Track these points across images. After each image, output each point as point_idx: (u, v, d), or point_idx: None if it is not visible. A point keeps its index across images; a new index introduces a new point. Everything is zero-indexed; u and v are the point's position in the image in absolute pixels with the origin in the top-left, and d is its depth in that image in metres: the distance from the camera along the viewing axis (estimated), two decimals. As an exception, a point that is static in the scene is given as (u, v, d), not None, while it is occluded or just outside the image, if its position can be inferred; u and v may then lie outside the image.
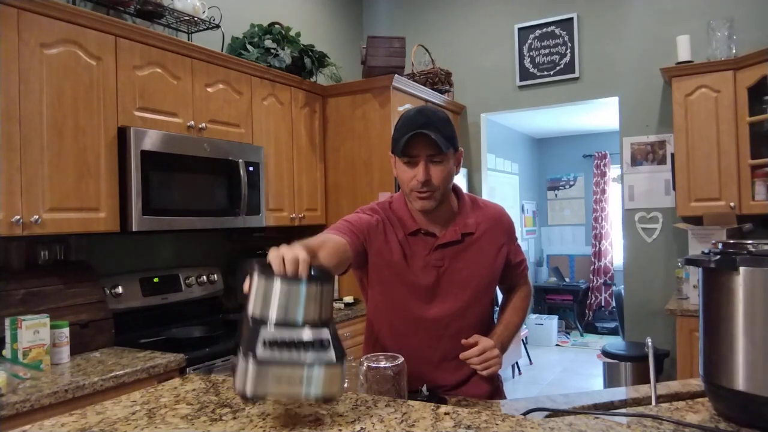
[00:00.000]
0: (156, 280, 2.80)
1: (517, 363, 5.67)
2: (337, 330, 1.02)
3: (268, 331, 0.94)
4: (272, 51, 3.31)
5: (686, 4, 3.75)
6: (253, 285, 0.97)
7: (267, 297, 0.96)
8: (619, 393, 1.50)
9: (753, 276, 1.02)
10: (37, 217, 2.09)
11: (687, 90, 3.41)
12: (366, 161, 3.60)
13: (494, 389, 1.58)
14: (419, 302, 1.50)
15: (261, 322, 0.95)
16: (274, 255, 1.00)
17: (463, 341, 1.46)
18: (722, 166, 3.31)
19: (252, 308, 0.97)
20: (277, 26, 3.49)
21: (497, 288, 1.66)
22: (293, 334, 0.95)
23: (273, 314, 0.96)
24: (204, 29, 3.07)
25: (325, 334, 0.97)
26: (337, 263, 1.32)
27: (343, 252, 1.36)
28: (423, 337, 1.52)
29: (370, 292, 1.58)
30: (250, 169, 2.95)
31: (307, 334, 0.95)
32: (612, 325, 7.03)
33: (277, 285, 0.96)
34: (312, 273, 0.99)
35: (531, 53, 4.26)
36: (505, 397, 1.62)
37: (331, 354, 0.95)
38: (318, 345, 0.95)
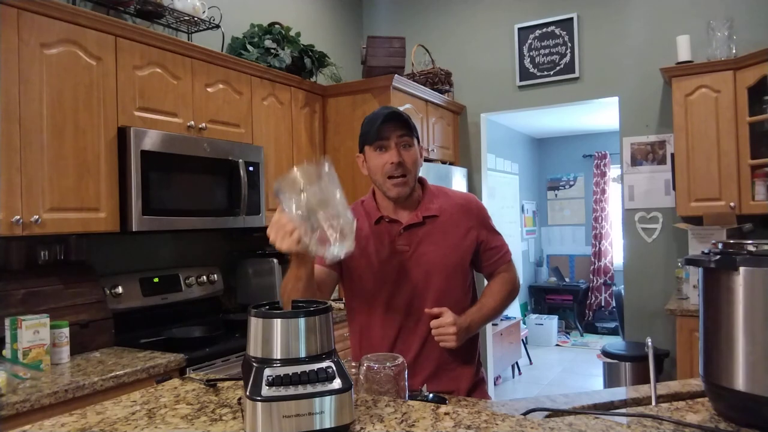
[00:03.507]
0: (156, 280, 2.80)
1: (517, 363, 5.67)
2: (341, 358, 1.03)
3: (272, 369, 0.95)
4: (272, 51, 3.31)
5: (686, 4, 3.75)
6: (252, 327, 1.00)
7: (267, 337, 0.98)
8: (619, 393, 1.50)
9: (753, 276, 1.02)
10: (37, 217, 2.09)
11: (687, 90, 3.41)
12: (366, 161, 3.59)
13: (472, 386, 1.61)
14: (390, 288, 1.55)
15: (264, 362, 0.97)
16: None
17: (427, 310, 1.50)
18: (722, 166, 3.30)
19: (253, 350, 0.99)
20: (277, 26, 3.49)
21: (475, 273, 1.68)
22: (297, 369, 0.96)
23: (275, 352, 0.97)
24: (204, 29, 3.07)
25: (329, 364, 0.98)
26: (324, 292, 1.54)
27: (326, 278, 1.54)
28: (402, 324, 1.56)
29: (346, 285, 1.63)
30: (250, 169, 2.94)
31: (310, 367, 0.96)
32: (612, 325, 7.03)
33: (276, 323, 0.98)
34: (311, 308, 1.01)
35: (531, 53, 4.25)
36: (489, 397, 1.64)
37: (337, 383, 0.96)
38: (323, 376, 0.96)
